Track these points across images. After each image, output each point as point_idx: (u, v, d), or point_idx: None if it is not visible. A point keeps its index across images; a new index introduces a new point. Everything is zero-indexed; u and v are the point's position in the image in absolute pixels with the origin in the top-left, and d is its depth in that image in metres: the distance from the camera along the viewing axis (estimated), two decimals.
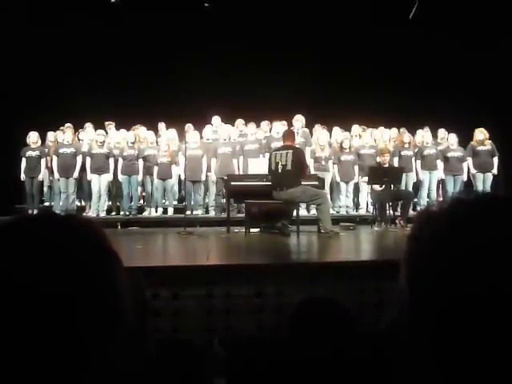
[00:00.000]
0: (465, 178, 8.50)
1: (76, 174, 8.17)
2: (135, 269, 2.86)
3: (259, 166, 6.90)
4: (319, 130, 8.85)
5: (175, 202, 8.65)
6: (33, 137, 8.36)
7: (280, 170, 5.87)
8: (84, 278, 0.55)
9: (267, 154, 7.08)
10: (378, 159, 7.69)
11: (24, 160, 8.33)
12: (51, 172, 8.42)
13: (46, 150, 8.48)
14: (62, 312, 0.52)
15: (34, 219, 0.59)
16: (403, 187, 7.96)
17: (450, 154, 8.45)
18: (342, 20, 8.89)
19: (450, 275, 0.55)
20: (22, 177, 8.36)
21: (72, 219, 0.61)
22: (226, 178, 7.07)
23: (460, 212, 0.58)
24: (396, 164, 8.18)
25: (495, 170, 8.40)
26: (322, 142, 8.36)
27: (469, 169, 8.46)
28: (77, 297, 0.53)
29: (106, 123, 8.83)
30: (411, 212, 7.34)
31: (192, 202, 8.23)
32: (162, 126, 9.11)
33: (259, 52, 9.09)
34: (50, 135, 8.78)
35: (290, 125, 8.43)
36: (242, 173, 7.86)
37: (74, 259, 0.55)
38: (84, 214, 8.25)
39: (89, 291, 0.54)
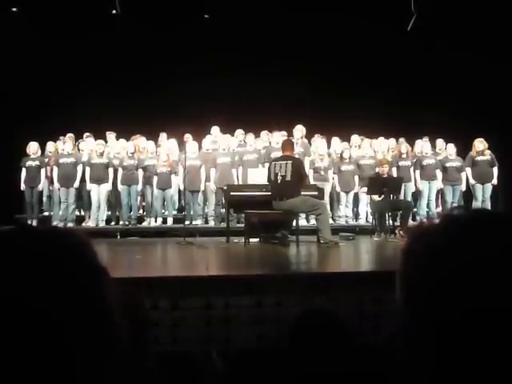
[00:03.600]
0: (463, 187, 8.51)
1: (76, 184, 8.18)
2: (134, 280, 2.86)
3: (258, 176, 6.91)
4: (318, 140, 8.88)
5: (175, 212, 8.65)
6: (33, 147, 8.39)
7: (279, 181, 5.87)
8: (68, 293, 0.54)
9: (266, 164, 7.09)
10: (377, 169, 7.71)
11: (24, 170, 8.35)
12: (51, 182, 8.43)
13: (46, 159, 8.50)
14: (45, 327, 0.51)
15: (17, 233, 0.59)
16: (402, 197, 7.97)
17: (448, 164, 8.46)
18: (341, 31, 8.95)
19: (445, 288, 0.55)
20: (22, 186, 8.37)
21: (57, 232, 0.60)
22: (225, 188, 7.07)
23: (453, 227, 0.59)
24: (395, 174, 8.20)
25: (495, 181, 8.40)
26: (321, 152, 8.38)
27: (468, 179, 8.47)
28: (61, 312, 0.53)
29: (107, 133, 8.86)
30: (410, 222, 7.34)
31: (191, 212, 8.24)
32: (163, 136, 9.14)
33: (259, 62, 9.14)
34: (50, 145, 8.80)
35: (290, 135, 8.46)
36: (241, 183, 7.87)
37: (57, 274, 0.54)
38: (83, 224, 8.27)
39: (74, 306, 0.54)
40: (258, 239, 6.41)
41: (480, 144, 8.38)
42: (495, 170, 8.39)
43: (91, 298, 0.56)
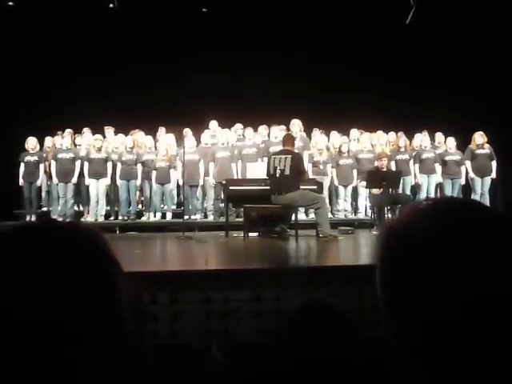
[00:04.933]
0: (463, 181, 8.52)
1: (75, 179, 8.17)
2: (134, 275, 2.86)
3: (257, 170, 6.90)
4: (317, 135, 8.87)
5: (174, 207, 8.65)
6: (31, 142, 8.37)
7: (278, 175, 5.87)
8: (85, 287, 0.54)
9: (265, 159, 7.08)
10: (376, 163, 7.70)
11: (22, 165, 8.33)
12: (49, 177, 8.42)
13: (44, 155, 8.48)
14: (62, 321, 0.52)
15: (34, 227, 0.59)
16: (401, 191, 7.97)
17: (447, 158, 8.47)
18: (340, 25, 8.92)
19: (420, 283, 0.56)
20: (21, 182, 8.36)
21: (73, 227, 0.61)
22: (224, 182, 7.07)
23: (425, 220, 0.59)
24: (393, 168, 8.20)
25: (494, 174, 8.41)
26: (320, 146, 8.38)
27: (467, 172, 8.48)
28: (77, 306, 0.53)
29: (105, 127, 8.84)
30: None
31: (190, 207, 8.23)
32: (161, 130, 9.12)
33: (257, 57, 9.11)
34: (48, 140, 8.78)
35: (289, 129, 8.45)
36: (240, 177, 7.87)
37: (75, 268, 0.55)
38: (82, 219, 8.26)
39: (89, 300, 0.54)
40: (257, 233, 6.41)
41: (480, 137, 8.38)
42: (494, 163, 8.40)
43: (104, 291, 0.56)
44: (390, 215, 7.18)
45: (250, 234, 6.18)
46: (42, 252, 0.55)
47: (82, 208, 8.63)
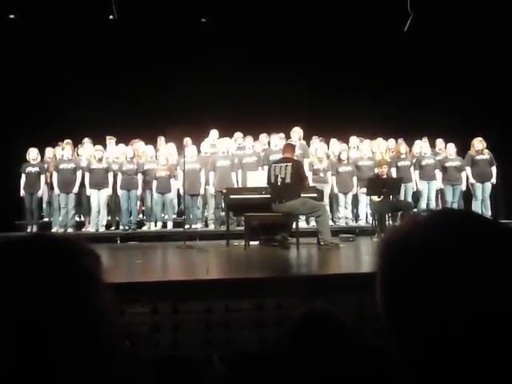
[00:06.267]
0: (463, 187, 8.52)
1: (76, 190, 8.19)
2: (134, 284, 2.86)
3: (258, 178, 6.91)
4: (317, 142, 8.88)
5: (174, 216, 8.65)
6: (32, 153, 8.40)
7: (279, 183, 5.87)
8: (63, 304, 0.54)
9: (266, 167, 7.09)
10: (376, 170, 7.71)
11: (23, 176, 8.36)
12: (51, 188, 8.43)
13: (45, 165, 8.50)
14: (38, 338, 0.52)
15: (27, 241, 0.59)
16: (402, 198, 7.97)
17: (448, 164, 8.47)
18: (339, 34, 8.97)
19: (421, 294, 0.56)
20: (22, 193, 8.38)
21: (65, 242, 0.61)
22: (224, 191, 7.07)
23: (427, 231, 0.59)
24: (394, 175, 8.20)
25: (494, 180, 8.41)
26: (319, 154, 8.39)
27: (468, 178, 8.48)
28: (54, 323, 0.53)
29: (107, 137, 8.87)
30: None
31: (191, 216, 8.23)
32: (161, 139, 9.15)
33: (257, 65, 9.16)
34: (49, 151, 8.81)
35: (288, 137, 8.47)
36: (240, 186, 7.87)
37: (56, 285, 0.55)
38: (83, 229, 8.27)
39: (67, 317, 0.54)
40: (258, 242, 6.40)
41: (479, 143, 8.39)
42: (494, 169, 8.41)
43: (86, 308, 0.56)
44: (391, 222, 7.18)
45: (251, 243, 6.17)
46: (24, 265, 0.55)
47: (83, 218, 8.64)
